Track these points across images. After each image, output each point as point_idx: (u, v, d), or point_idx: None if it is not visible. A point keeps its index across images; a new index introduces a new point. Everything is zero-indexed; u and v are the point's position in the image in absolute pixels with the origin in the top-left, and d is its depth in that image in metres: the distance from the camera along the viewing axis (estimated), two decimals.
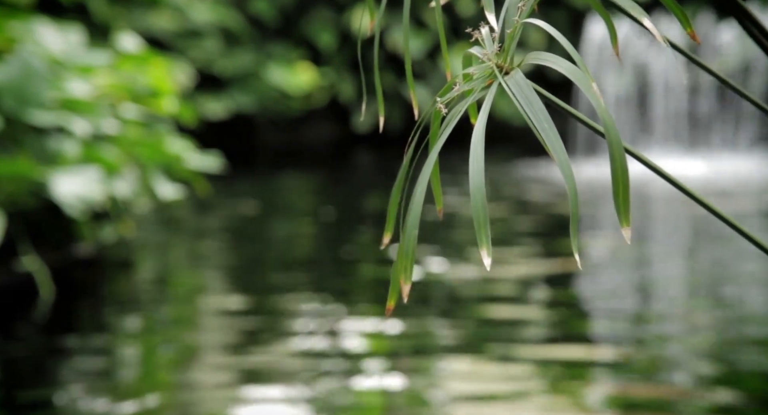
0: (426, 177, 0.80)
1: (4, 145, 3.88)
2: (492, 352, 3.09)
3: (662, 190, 6.84)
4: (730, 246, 4.87)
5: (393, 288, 0.80)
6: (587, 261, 4.45)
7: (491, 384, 2.75)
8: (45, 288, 3.80)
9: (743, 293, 4.03)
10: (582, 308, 3.80)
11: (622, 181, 0.75)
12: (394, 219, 0.87)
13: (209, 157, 5.05)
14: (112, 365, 3.11)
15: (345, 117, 10.27)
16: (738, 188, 7.29)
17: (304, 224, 6.00)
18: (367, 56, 9.69)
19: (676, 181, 0.83)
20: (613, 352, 3.13)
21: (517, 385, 2.75)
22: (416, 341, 3.24)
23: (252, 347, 3.18)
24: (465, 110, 0.83)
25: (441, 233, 5.19)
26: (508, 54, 0.83)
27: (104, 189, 3.96)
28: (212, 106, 9.30)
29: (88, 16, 8.17)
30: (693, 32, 0.85)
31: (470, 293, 3.98)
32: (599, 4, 0.81)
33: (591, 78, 0.75)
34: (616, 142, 0.74)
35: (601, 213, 6.04)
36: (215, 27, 9.45)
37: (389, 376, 2.86)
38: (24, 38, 4.16)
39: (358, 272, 4.41)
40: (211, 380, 2.87)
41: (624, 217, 0.75)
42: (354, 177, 8.66)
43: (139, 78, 4.73)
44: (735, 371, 2.94)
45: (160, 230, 5.70)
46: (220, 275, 4.49)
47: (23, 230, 3.93)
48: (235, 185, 7.47)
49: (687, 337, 3.35)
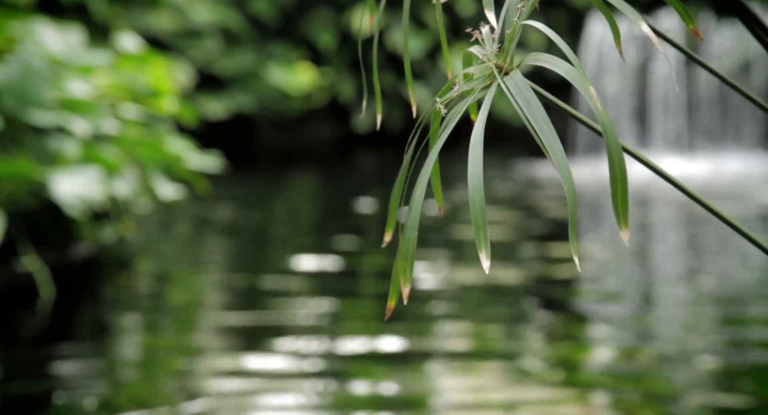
0: (426, 178, 0.79)
1: (4, 145, 3.88)
2: (493, 351, 3.09)
3: (662, 191, 6.83)
4: (730, 245, 4.87)
5: (393, 289, 0.80)
6: (586, 264, 4.45)
7: (489, 388, 2.75)
8: (45, 288, 3.80)
9: (744, 292, 4.03)
10: (582, 309, 3.80)
11: (621, 184, 0.75)
12: (395, 219, 0.87)
13: (209, 157, 5.05)
14: (112, 365, 3.11)
15: (345, 117, 10.28)
16: (738, 188, 7.29)
17: (304, 224, 6.00)
18: (368, 56, 9.69)
19: (677, 181, 0.83)
20: (613, 352, 3.13)
21: (512, 390, 2.75)
22: (417, 342, 3.24)
23: (252, 349, 3.18)
24: (464, 111, 0.83)
25: (443, 233, 5.19)
26: (507, 54, 0.83)
27: (104, 189, 3.96)
28: (212, 106, 9.30)
29: (88, 16, 8.17)
30: (696, 29, 0.85)
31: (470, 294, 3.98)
32: (602, 4, 0.81)
33: (588, 81, 0.75)
34: (615, 144, 0.74)
35: (600, 214, 6.04)
36: (215, 27, 9.45)
37: (388, 378, 2.86)
38: (24, 38, 4.16)
39: (359, 272, 4.41)
40: (211, 381, 2.87)
41: (623, 219, 0.75)
42: (354, 177, 8.66)
43: (139, 78, 4.72)
44: (735, 371, 2.94)
45: (160, 230, 5.70)
46: (219, 275, 4.49)
47: (23, 230, 3.93)
48: (235, 185, 7.47)
49: (687, 336, 3.35)
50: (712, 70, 0.96)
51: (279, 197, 7.13)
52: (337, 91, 10.08)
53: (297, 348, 3.14)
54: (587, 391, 2.74)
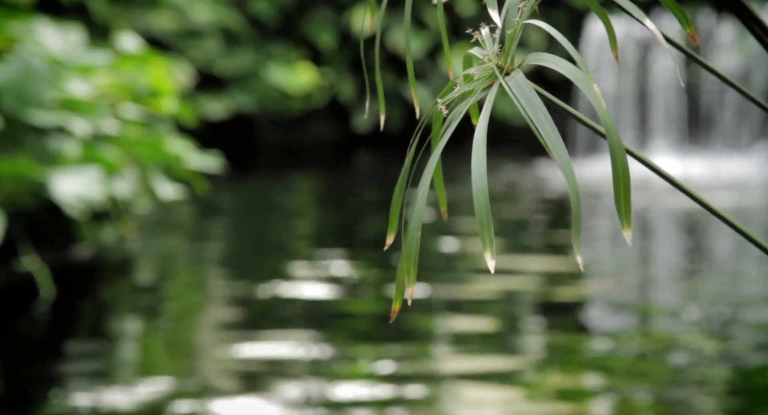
0: (428, 179, 0.79)
1: (4, 145, 3.88)
2: (495, 352, 3.09)
3: (662, 190, 6.84)
4: (728, 242, 4.87)
5: (397, 291, 0.79)
6: (588, 261, 4.45)
7: (492, 379, 2.75)
8: (45, 288, 3.80)
9: (742, 289, 4.03)
10: (582, 310, 3.80)
11: (624, 183, 0.74)
12: (397, 220, 0.87)
13: (209, 157, 5.05)
14: (112, 365, 3.11)
15: (345, 117, 10.27)
16: (737, 188, 7.29)
17: (304, 224, 6.00)
18: (368, 56, 9.69)
19: (677, 181, 0.83)
20: (614, 353, 3.13)
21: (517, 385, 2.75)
22: (418, 343, 3.24)
23: (252, 350, 3.18)
24: (465, 111, 0.83)
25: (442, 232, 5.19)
26: (508, 55, 0.83)
27: (104, 189, 3.96)
28: (212, 106, 9.30)
29: (88, 16, 8.17)
30: (693, 33, 0.85)
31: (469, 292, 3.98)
32: (598, 6, 0.81)
33: (592, 79, 0.75)
34: (617, 143, 0.73)
35: (600, 214, 6.04)
36: (215, 27, 9.45)
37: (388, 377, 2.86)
38: (24, 38, 4.16)
39: (361, 273, 4.41)
40: (211, 381, 2.87)
41: (625, 218, 0.75)
42: (354, 177, 8.66)
43: (139, 78, 4.72)
44: (738, 369, 2.94)
45: (160, 230, 5.70)
46: (220, 276, 4.49)
47: (23, 230, 3.92)
48: (235, 185, 7.47)
49: (687, 336, 3.35)
50: (713, 69, 0.96)
51: (279, 197, 7.13)
52: (337, 91, 10.08)
53: (297, 347, 3.14)
54: (588, 392, 2.74)
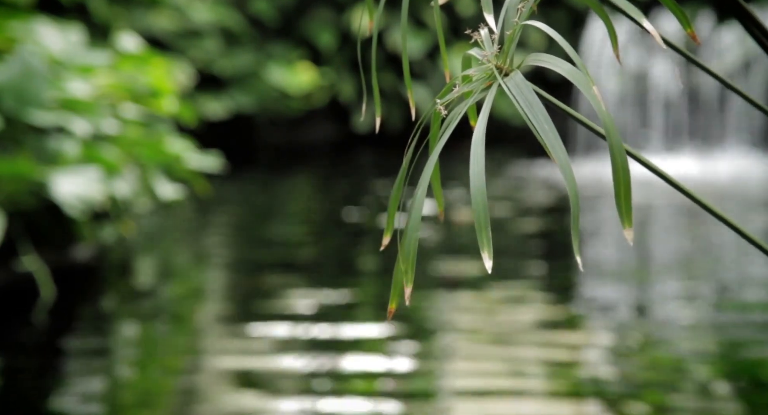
0: (426, 179, 0.79)
1: (4, 145, 3.88)
2: (493, 352, 3.09)
3: (661, 190, 6.84)
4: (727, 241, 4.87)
5: (395, 291, 0.80)
6: (588, 262, 4.45)
7: (494, 380, 2.75)
8: (45, 288, 3.80)
9: (743, 289, 4.03)
10: (583, 309, 3.80)
11: (624, 183, 0.75)
12: (394, 221, 0.87)
13: (209, 157, 5.05)
14: (112, 365, 3.11)
15: (345, 117, 10.27)
16: (737, 188, 7.29)
17: (304, 224, 6.00)
18: (367, 56, 9.69)
19: (677, 182, 0.83)
20: (614, 354, 3.13)
21: (519, 382, 2.75)
22: (416, 341, 3.24)
23: (252, 350, 3.18)
24: (464, 112, 0.83)
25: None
26: (507, 55, 0.83)
27: (104, 189, 3.96)
28: (212, 106, 9.30)
29: (88, 16, 8.17)
30: (693, 33, 0.85)
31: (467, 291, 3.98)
32: (598, 6, 0.81)
33: (591, 80, 0.75)
34: (617, 144, 0.74)
35: (600, 214, 6.04)
36: (215, 27, 9.45)
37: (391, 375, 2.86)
38: (24, 38, 4.16)
39: (360, 273, 4.41)
40: (211, 382, 2.87)
41: (626, 218, 0.75)
42: (354, 177, 8.66)
43: (139, 78, 4.72)
44: (734, 363, 2.94)
45: (160, 230, 5.70)
46: (220, 276, 4.49)
47: (23, 230, 3.92)
48: (235, 185, 7.47)
49: (688, 336, 3.35)
50: (711, 71, 0.96)
51: (279, 197, 7.13)
52: (337, 91, 10.08)
53: (299, 349, 3.14)
54: (588, 393, 2.74)
